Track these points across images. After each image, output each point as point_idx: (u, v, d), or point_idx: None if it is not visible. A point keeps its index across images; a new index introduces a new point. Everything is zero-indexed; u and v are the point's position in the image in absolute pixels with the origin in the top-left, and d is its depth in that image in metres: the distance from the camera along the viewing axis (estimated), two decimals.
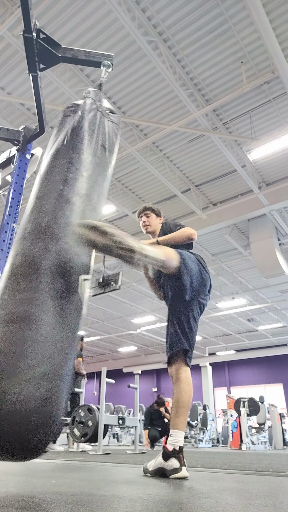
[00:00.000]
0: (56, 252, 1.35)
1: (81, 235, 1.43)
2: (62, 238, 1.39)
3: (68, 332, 1.29)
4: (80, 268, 1.40)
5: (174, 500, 1.23)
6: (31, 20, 1.82)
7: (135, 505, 1.09)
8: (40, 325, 1.20)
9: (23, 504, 1.05)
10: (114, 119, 1.94)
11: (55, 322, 1.24)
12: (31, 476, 1.83)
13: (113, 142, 1.86)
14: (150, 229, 2.66)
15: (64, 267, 1.35)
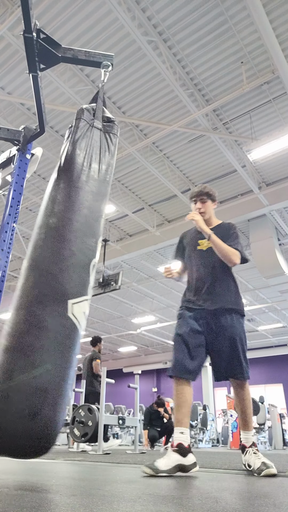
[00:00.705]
0: (43, 284, 1.52)
1: None
2: (47, 269, 1.54)
3: (59, 355, 1.45)
4: (67, 294, 1.54)
5: (174, 500, 1.23)
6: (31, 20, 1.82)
7: (135, 505, 1.09)
8: (31, 353, 1.41)
9: (23, 504, 1.05)
10: (110, 129, 1.96)
11: (46, 348, 1.43)
12: (31, 476, 1.83)
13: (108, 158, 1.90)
14: (205, 217, 2.57)
15: (52, 297, 1.50)
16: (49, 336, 1.44)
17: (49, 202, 1.71)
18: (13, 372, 1.37)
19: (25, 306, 1.49)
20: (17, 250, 10.97)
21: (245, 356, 2.37)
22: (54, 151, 7.43)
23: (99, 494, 1.30)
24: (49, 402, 1.38)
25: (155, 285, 13.04)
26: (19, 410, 1.33)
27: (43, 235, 1.63)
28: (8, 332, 1.47)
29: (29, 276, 1.56)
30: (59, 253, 1.58)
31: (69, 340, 1.49)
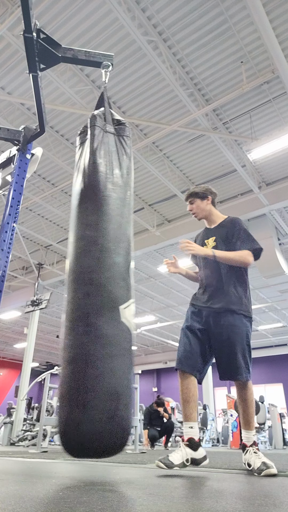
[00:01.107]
0: (94, 294, 1.62)
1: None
2: (96, 280, 1.63)
3: (121, 359, 1.57)
4: (117, 300, 1.63)
5: (174, 500, 1.23)
6: (31, 20, 1.82)
7: (135, 505, 1.09)
8: (96, 361, 1.52)
9: (23, 503, 1.05)
10: (123, 132, 1.97)
11: (107, 355, 1.54)
12: (31, 476, 1.83)
13: (127, 162, 1.93)
14: (199, 217, 2.57)
15: (104, 305, 1.61)
16: (110, 343, 1.56)
17: (81, 213, 1.76)
18: (86, 382, 1.49)
19: (82, 318, 1.58)
20: (17, 250, 10.97)
21: (245, 356, 2.38)
22: (54, 151, 7.43)
23: (99, 494, 1.30)
24: (122, 404, 1.52)
25: (155, 285, 13.04)
26: (97, 416, 1.46)
27: (84, 247, 1.70)
28: (70, 344, 1.58)
29: (78, 288, 1.64)
30: (103, 263, 1.66)
31: (127, 343, 1.61)
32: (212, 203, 2.59)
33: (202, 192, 2.55)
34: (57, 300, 13.79)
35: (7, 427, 8.93)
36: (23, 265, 12.35)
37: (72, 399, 1.50)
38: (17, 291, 12.92)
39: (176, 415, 11.89)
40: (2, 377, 21.93)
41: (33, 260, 11.41)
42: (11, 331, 17.71)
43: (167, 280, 12.55)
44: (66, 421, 1.51)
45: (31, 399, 10.56)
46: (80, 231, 1.73)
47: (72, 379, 1.53)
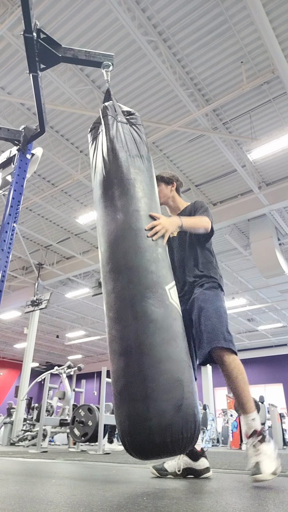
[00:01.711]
0: (138, 280, 1.53)
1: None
2: (138, 264, 1.56)
3: (175, 343, 1.48)
4: (162, 281, 1.57)
5: (174, 500, 1.23)
6: (31, 20, 1.82)
7: (135, 505, 1.09)
8: (151, 349, 1.42)
9: (23, 503, 1.05)
10: (135, 121, 1.98)
11: (162, 341, 1.45)
12: (31, 476, 1.83)
13: (144, 146, 1.92)
14: (160, 201, 2.31)
15: (150, 289, 1.52)
16: (162, 328, 1.46)
17: (109, 200, 1.71)
18: (144, 372, 1.38)
19: (129, 305, 1.49)
20: (17, 250, 10.97)
21: (222, 322, 1.98)
22: (54, 151, 7.42)
23: (99, 494, 1.30)
24: (187, 390, 1.41)
25: None
26: (164, 407, 1.34)
27: (117, 233, 1.63)
28: (119, 336, 1.48)
29: (118, 276, 1.56)
30: (140, 245, 1.59)
31: (178, 326, 1.53)
32: (176, 191, 2.47)
33: (168, 177, 2.46)
34: (57, 300, 13.79)
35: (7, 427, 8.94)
36: (23, 265, 12.35)
37: (132, 394, 1.39)
38: (17, 291, 12.92)
39: None
40: (2, 377, 21.93)
41: (33, 260, 11.40)
42: (11, 331, 17.70)
43: None
44: (129, 418, 1.39)
45: (31, 399, 10.57)
46: (110, 218, 1.67)
47: (128, 372, 1.42)
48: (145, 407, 1.35)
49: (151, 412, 1.34)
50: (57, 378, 9.92)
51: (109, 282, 1.60)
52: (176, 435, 1.34)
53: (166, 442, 1.34)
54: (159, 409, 1.34)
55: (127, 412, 1.39)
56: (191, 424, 1.39)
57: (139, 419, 1.35)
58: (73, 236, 10.64)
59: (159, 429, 1.33)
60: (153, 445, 1.34)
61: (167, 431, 1.33)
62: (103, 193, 1.75)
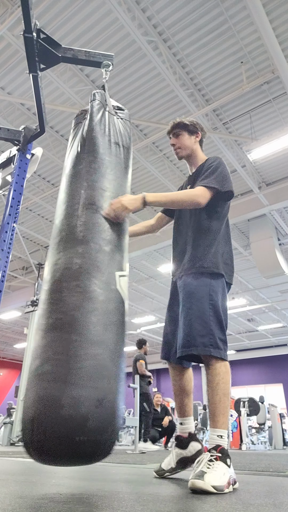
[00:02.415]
0: (88, 255, 1.39)
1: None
2: (91, 240, 1.43)
3: (113, 330, 1.31)
4: (113, 265, 1.43)
5: (174, 500, 1.23)
6: (31, 20, 1.82)
7: (135, 505, 1.09)
8: (84, 328, 1.24)
9: (23, 503, 1.05)
10: (123, 115, 1.95)
11: (98, 322, 1.27)
12: (31, 476, 1.83)
13: (127, 138, 1.86)
14: (183, 153, 2.09)
15: (98, 268, 1.38)
16: (102, 309, 1.30)
17: (77, 174, 1.60)
18: (70, 351, 1.18)
19: (71, 278, 1.32)
20: (17, 250, 10.97)
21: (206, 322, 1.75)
22: (54, 151, 7.42)
23: (99, 494, 1.30)
24: (113, 385, 1.21)
25: (155, 285, 13.03)
26: (84, 394, 1.12)
27: (77, 206, 1.50)
28: (51, 309, 1.30)
29: (67, 247, 1.41)
30: (99, 223, 1.48)
31: (120, 315, 1.37)
32: (200, 142, 2.16)
33: (192, 125, 2.10)
34: None
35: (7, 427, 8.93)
36: (23, 265, 12.35)
37: (48, 374, 1.15)
38: (17, 291, 12.92)
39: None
40: (2, 377, 21.93)
41: (33, 260, 11.40)
42: (11, 331, 17.70)
43: (167, 280, 12.55)
44: (37, 402, 1.12)
45: None
46: (73, 191, 1.56)
47: (51, 348, 1.20)
48: (59, 391, 1.11)
49: (65, 399, 1.10)
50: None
51: (54, 254, 1.43)
52: (89, 434, 1.09)
53: (74, 440, 1.07)
54: (76, 397, 1.10)
55: (36, 396, 1.14)
56: (110, 425, 1.14)
57: (49, 405, 1.10)
58: None
59: (71, 422, 1.07)
60: (57, 440, 1.07)
61: (79, 426, 1.07)
62: (72, 167, 1.65)
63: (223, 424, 1.64)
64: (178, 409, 1.99)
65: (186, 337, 1.72)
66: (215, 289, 1.82)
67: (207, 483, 1.38)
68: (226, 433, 1.63)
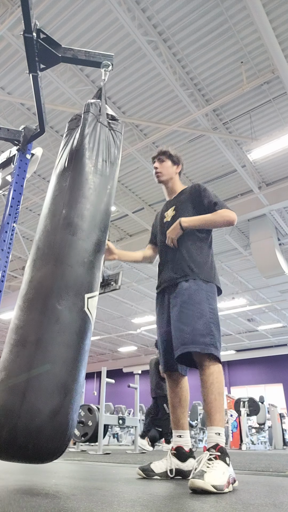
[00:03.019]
0: (61, 276, 1.46)
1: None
2: (65, 261, 1.49)
3: (75, 350, 1.40)
4: (84, 287, 1.49)
5: (174, 500, 1.23)
6: (31, 20, 1.82)
7: (135, 505, 1.09)
8: (48, 346, 1.34)
9: (23, 503, 1.05)
10: (115, 127, 1.96)
11: (61, 342, 1.36)
12: (31, 476, 1.83)
13: (115, 153, 1.89)
14: (163, 178, 2.28)
15: (69, 289, 1.45)
16: (67, 331, 1.39)
17: (60, 192, 1.66)
18: (31, 366, 1.30)
19: (41, 298, 1.41)
20: (17, 250, 10.97)
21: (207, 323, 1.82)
22: (54, 151, 7.42)
23: (99, 494, 1.30)
24: (68, 399, 1.31)
25: (155, 285, 13.01)
26: (39, 407, 1.25)
27: (56, 225, 1.56)
28: (21, 326, 1.39)
29: (42, 266, 1.48)
30: (75, 244, 1.52)
31: (84, 335, 1.45)
32: (179, 174, 2.34)
33: (176, 157, 2.30)
34: None
35: None
36: (23, 265, 12.35)
37: (10, 386, 1.28)
38: (17, 291, 12.91)
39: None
40: None
41: None
42: None
43: None
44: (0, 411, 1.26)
45: None
46: (55, 208, 1.61)
47: (15, 362, 1.32)
48: (18, 403, 1.24)
49: (23, 410, 1.23)
50: None
51: (30, 270, 1.52)
52: (41, 442, 1.23)
53: (27, 446, 1.22)
54: (33, 409, 1.24)
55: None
56: (60, 436, 1.28)
57: (8, 414, 1.24)
58: None
59: (25, 430, 1.22)
60: (12, 445, 1.23)
61: (32, 434, 1.22)
62: (57, 183, 1.70)
63: (220, 421, 1.70)
64: (176, 421, 2.01)
65: (187, 336, 1.80)
66: (211, 295, 1.95)
67: (207, 482, 1.40)
68: (223, 430, 1.68)
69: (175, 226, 2.00)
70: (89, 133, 1.82)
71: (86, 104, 1.96)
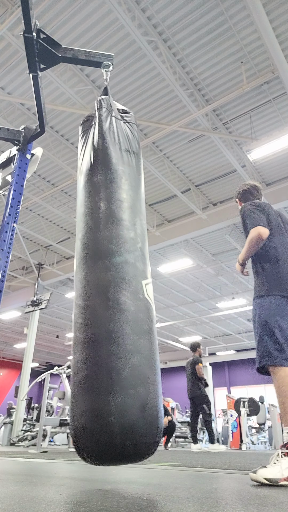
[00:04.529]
0: (115, 268, 1.46)
1: None
2: (115, 253, 1.49)
3: (146, 338, 1.39)
4: (139, 274, 1.50)
5: (174, 500, 1.23)
6: (32, 20, 1.82)
7: (135, 505, 1.09)
8: (120, 339, 1.32)
9: (23, 503, 1.05)
10: (129, 119, 1.96)
11: (132, 332, 1.35)
12: (31, 476, 1.83)
13: (135, 143, 1.89)
14: None
15: (126, 279, 1.45)
16: (134, 320, 1.38)
17: (93, 187, 1.66)
18: (110, 363, 1.26)
19: (102, 292, 1.40)
20: (17, 250, 10.97)
21: (260, 340, 2.01)
22: (54, 151, 7.43)
23: (99, 494, 1.29)
24: (152, 390, 1.28)
25: (155, 285, 13.03)
26: (127, 404, 1.21)
27: (98, 220, 1.55)
28: (86, 324, 1.37)
29: (94, 263, 1.48)
30: (121, 235, 1.53)
31: (151, 322, 1.45)
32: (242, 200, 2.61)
33: (239, 193, 2.58)
34: (57, 300, 13.79)
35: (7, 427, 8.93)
36: (23, 265, 12.35)
37: (93, 386, 1.24)
38: (17, 291, 12.92)
39: (176, 415, 11.87)
40: (2, 377, 21.93)
41: (33, 260, 11.40)
42: (11, 331, 17.70)
43: (167, 280, 12.55)
44: (87, 413, 1.21)
45: (31, 399, 10.56)
46: (92, 204, 1.61)
47: (92, 362, 1.28)
48: (106, 401, 1.20)
49: (113, 407, 1.19)
50: (57, 378, 9.92)
51: (82, 269, 1.51)
52: (138, 438, 1.20)
53: (125, 444, 1.18)
54: (122, 405, 1.20)
55: (84, 407, 1.23)
56: (154, 428, 1.25)
57: (98, 415, 1.20)
58: (73, 236, 10.63)
59: (120, 428, 1.18)
60: (110, 446, 1.18)
61: (129, 431, 1.18)
62: (88, 180, 1.70)
63: (286, 421, 1.86)
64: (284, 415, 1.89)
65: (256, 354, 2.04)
66: (263, 309, 2.12)
67: (260, 476, 1.65)
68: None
69: (237, 265, 2.40)
70: (107, 127, 1.81)
71: (97, 101, 1.95)
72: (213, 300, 13.91)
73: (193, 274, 12.13)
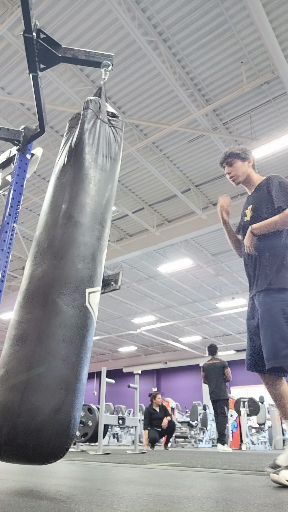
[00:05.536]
0: (61, 271, 1.43)
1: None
2: (65, 255, 1.47)
3: (76, 345, 1.36)
4: (84, 282, 1.47)
5: (174, 500, 1.23)
6: (31, 20, 1.82)
7: (135, 505, 1.09)
8: (48, 341, 1.31)
9: (22, 504, 1.05)
10: (116, 123, 1.95)
11: (62, 337, 1.33)
12: (31, 476, 1.83)
13: (116, 149, 1.88)
14: (239, 180, 2.24)
15: (69, 284, 1.42)
16: (67, 326, 1.36)
17: (59, 187, 1.65)
18: (32, 361, 1.26)
19: (41, 293, 1.39)
20: (17, 250, 10.97)
21: (284, 336, 1.85)
22: (54, 151, 7.42)
23: (99, 494, 1.30)
24: (70, 397, 1.27)
25: (155, 285, 13.03)
26: (39, 406, 1.20)
27: (56, 219, 1.54)
28: (20, 320, 1.38)
29: (42, 261, 1.47)
30: (75, 238, 1.51)
31: (86, 331, 1.42)
32: (252, 167, 2.29)
33: (243, 152, 2.25)
34: None
35: None
36: (23, 265, 12.34)
37: (10, 383, 1.24)
38: (17, 291, 12.90)
39: (176, 415, 11.87)
40: None
41: None
42: None
43: (167, 280, 12.55)
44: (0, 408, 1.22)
45: None
46: (55, 203, 1.61)
47: (15, 358, 1.29)
48: (18, 399, 1.20)
49: (23, 408, 1.19)
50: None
51: (30, 265, 1.51)
52: (42, 441, 1.18)
53: (27, 446, 1.17)
54: (33, 407, 1.20)
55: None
56: (63, 434, 1.24)
57: (7, 412, 1.19)
58: None
59: (25, 429, 1.17)
60: (11, 445, 1.17)
61: (34, 433, 1.18)
62: (58, 179, 1.70)
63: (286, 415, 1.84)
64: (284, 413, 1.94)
65: (270, 351, 1.86)
66: (278, 304, 1.92)
67: (282, 478, 1.57)
68: None
69: (248, 234, 2.06)
70: (88, 129, 1.80)
71: (85, 101, 1.94)
72: (213, 300, 13.91)
73: (193, 274, 12.13)
